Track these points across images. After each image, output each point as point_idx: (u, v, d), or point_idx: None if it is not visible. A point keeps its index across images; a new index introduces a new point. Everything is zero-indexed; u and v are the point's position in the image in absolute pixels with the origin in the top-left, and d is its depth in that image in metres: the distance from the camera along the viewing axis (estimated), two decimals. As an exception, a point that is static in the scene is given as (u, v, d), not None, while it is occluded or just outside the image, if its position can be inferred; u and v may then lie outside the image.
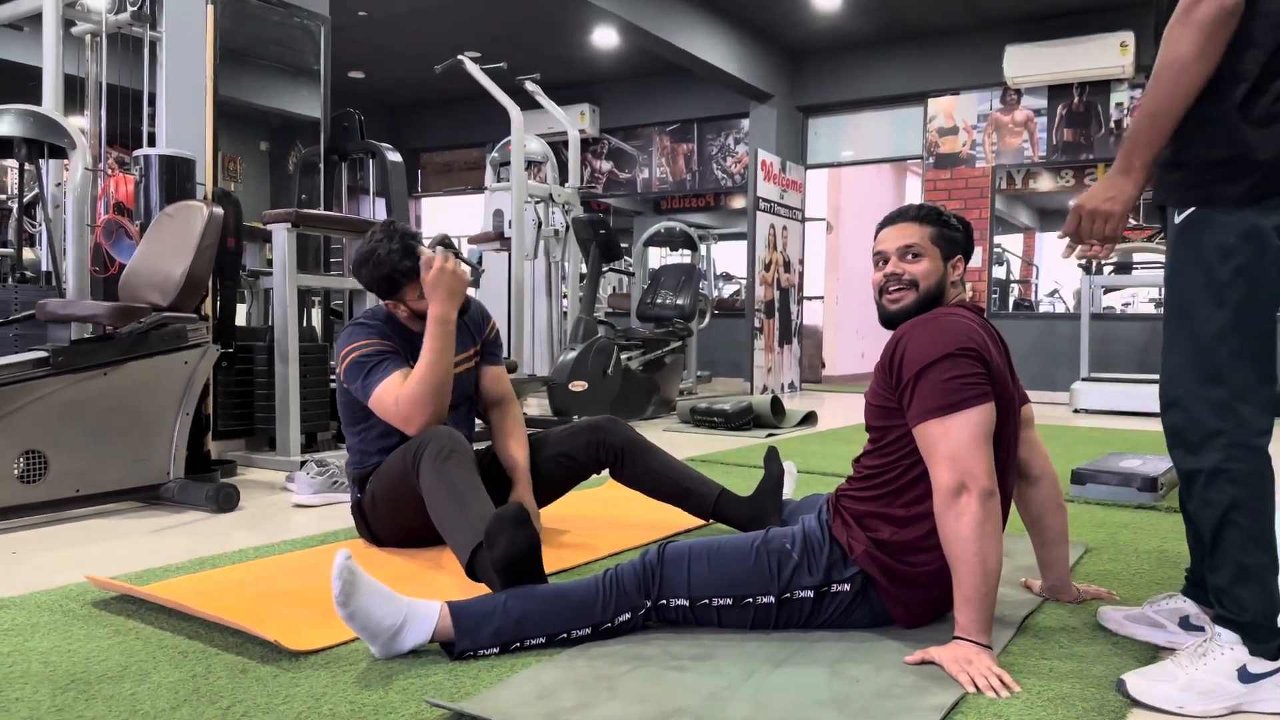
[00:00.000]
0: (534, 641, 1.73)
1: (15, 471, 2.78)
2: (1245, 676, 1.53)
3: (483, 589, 1.96)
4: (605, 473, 2.62)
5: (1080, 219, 1.65)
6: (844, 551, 1.77)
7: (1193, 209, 1.58)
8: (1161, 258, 7.24)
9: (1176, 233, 1.61)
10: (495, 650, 1.71)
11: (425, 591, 1.97)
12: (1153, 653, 1.78)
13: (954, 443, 1.66)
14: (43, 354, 2.84)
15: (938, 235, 1.89)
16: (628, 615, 1.77)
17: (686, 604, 1.78)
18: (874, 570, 1.76)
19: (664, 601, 1.78)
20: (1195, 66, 1.51)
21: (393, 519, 2.42)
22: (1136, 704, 1.54)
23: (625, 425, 2.59)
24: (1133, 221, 7.92)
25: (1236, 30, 1.51)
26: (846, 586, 1.78)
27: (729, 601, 1.78)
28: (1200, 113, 1.55)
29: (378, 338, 2.43)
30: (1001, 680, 1.58)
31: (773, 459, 2.48)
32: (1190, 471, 1.60)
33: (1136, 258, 7.82)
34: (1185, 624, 1.81)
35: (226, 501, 3.06)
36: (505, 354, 4.89)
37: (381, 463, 2.45)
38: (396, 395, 2.31)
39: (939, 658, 1.64)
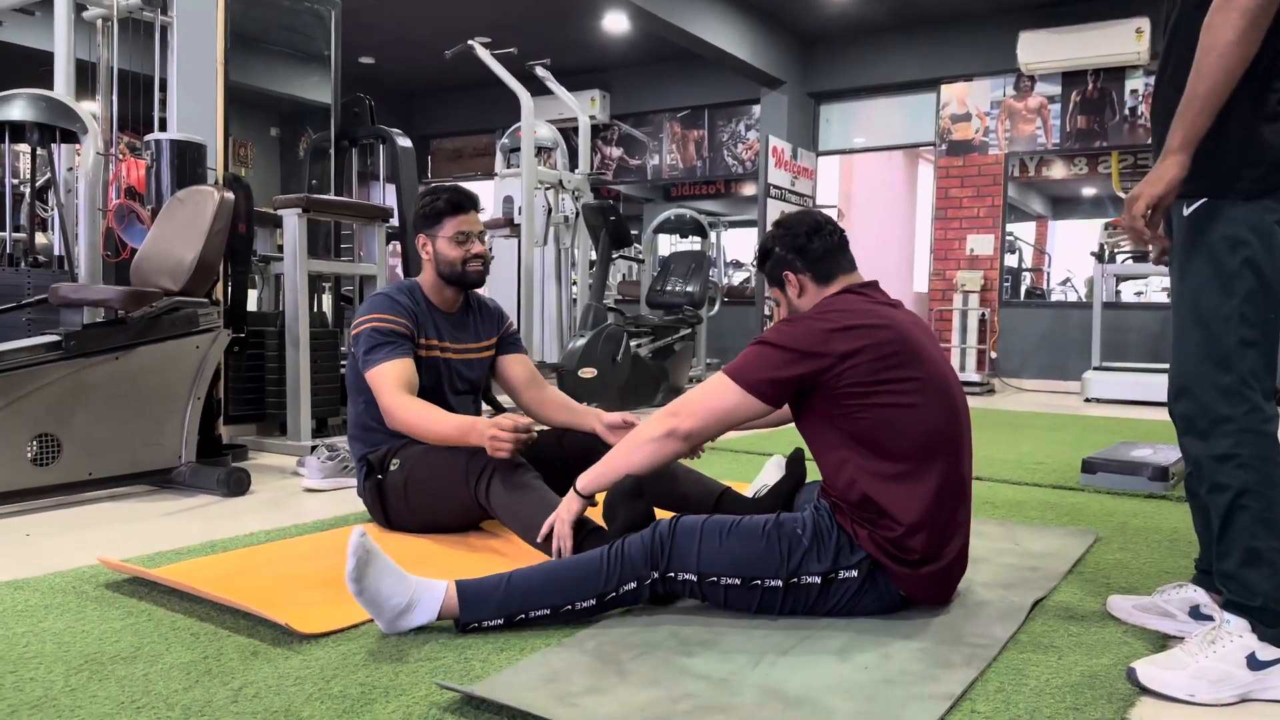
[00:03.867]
0: (538, 613, 1.74)
1: (29, 455, 2.79)
2: (1254, 664, 1.53)
3: (489, 571, 1.96)
4: None
5: (1126, 206, 1.66)
6: (850, 538, 1.78)
7: (1202, 201, 1.61)
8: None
9: (1185, 224, 1.64)
10: (500, 622, 1.73)
11: (440, 572, 1.97)
12: (1162, 642, 1.78)
13: (706, 394, 1.84)
14: (55, 338, 2.86)
15: (769, 275, 2.02)
16: (633, 584, 1.77)
17: (694, 579, 1.78)
18: (881, 555, 1.76)
19: (672, 574, 1.78)
20: (1237, 50, 1.51)
21: (422, 512, 2.45)
22: (1147, 692, 1.54)
23: None
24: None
25: None
26: (854, 573, 1.78)
27: (737, 582, 1.78)
28: None
29: (396, 315, 2.47)
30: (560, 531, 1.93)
31: (797, 462, 2.36)
32: (1200, 458, 1.62)
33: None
34: (1195, 613, 1.81)
35: (238, 486, 3.08)
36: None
37: (393, 448, 2.47)
38: (393, 394, 2.36)
39: None
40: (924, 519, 1.76)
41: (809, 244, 1.94)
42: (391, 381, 2.37)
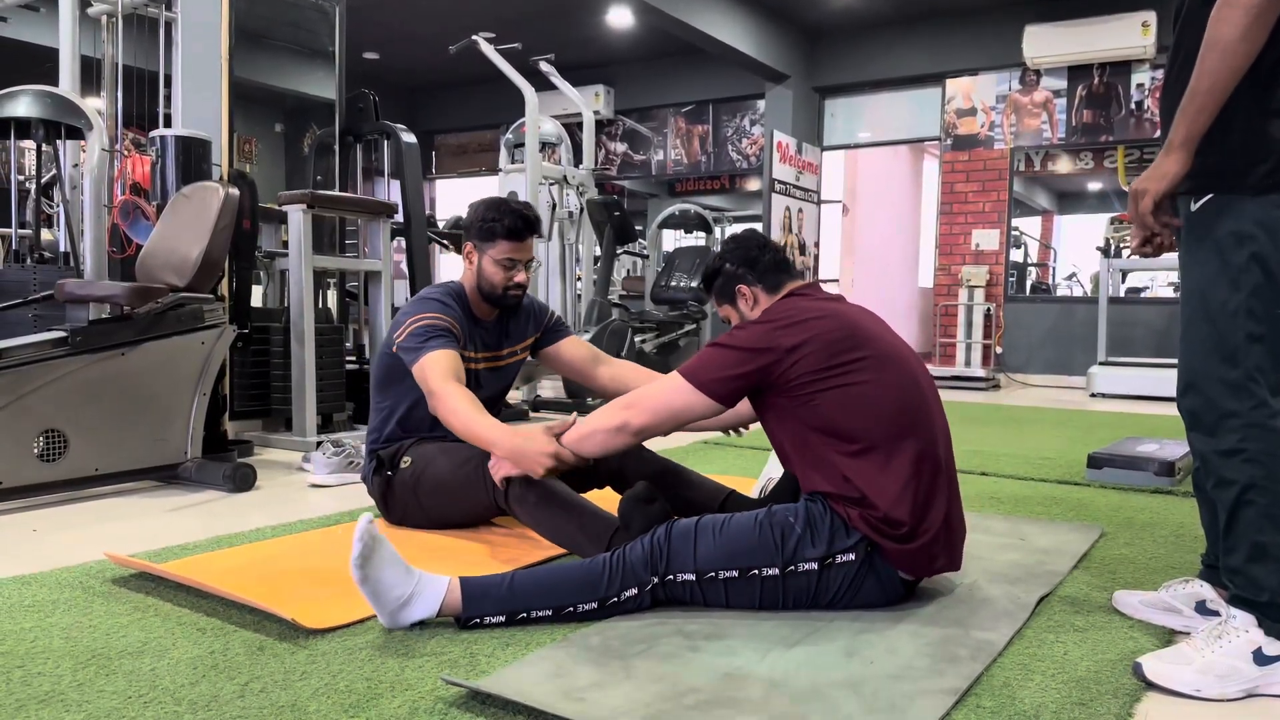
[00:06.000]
0: (540, 613, 1.75)
1: (35, 450, 2.80)
2: (1260, 659, 1.53)
3: (494, 565, 1.97)
4: None
5: (1129, 203, 1.68)
6: (844, 521, 1.79)
7: (1209, 196, 1.61)
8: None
9: (1192, 219, 1.65)
10: (501, 619, 1.74)
11: (444, 566, 1.97)
12: (1168, 637, 1.78)
13: (660, 391, 1.91)
14: (61, 334, 2.86)
15: (719, 292, 2.10)
16: (634, 590, 1.79)
17: (693, 578, 1.79)
18: (873, 533, 1.77)
19: (671, 577, 1.79)
20: (1241, 48, 1.52)
21: (433, 511, 2.44)
22: (1152, 687, 1.54)
23: None
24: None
25: None
26: (852, 556, 1.79)
27: (735, 574, 1.79)
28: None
29: (446, 315, 2.44)
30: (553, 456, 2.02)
31: None
32: (1207, 453, 1.63)
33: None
34: (1201, 608, 1.81)
35: (243, 481, 3.08)
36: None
37: (402, 445, 2.48)
38: (443, 381, 2.28)
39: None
40: (902, 493, 1.77)
41: (760, 256, 2.05)
42: (441, 369, 2.31)
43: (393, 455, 2.48)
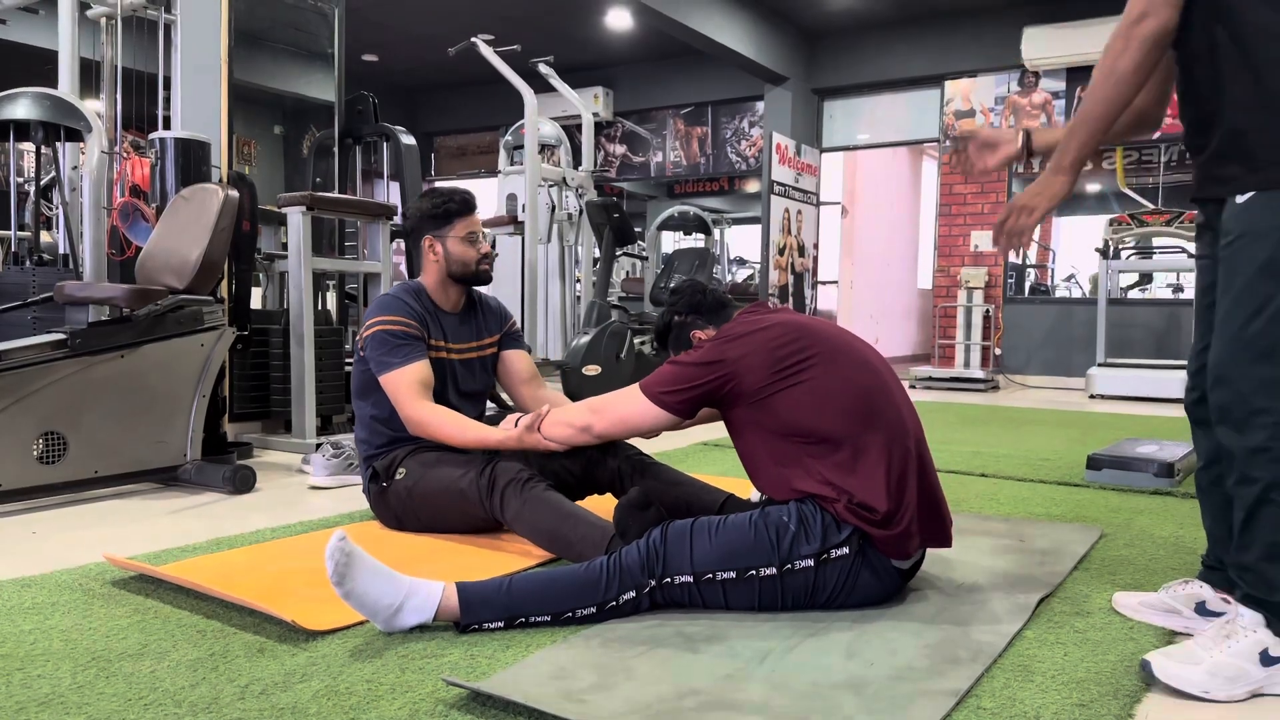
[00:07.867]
0: (539, 619, 1.76)
1: (35, 452, 2.80)
2: (1267, 660, 1.52)
3: (491, 567, 1.96)
4: None
5: (1010, 212, 1.74)
6: (834, 516, 1.79)
7: (1253, 193, 1.59)
8: (1178, 242, 7.17)
9: (1238, 213, 1.61)
10: (500, 624, 1.74)
11: (442, 569, 1.98)
12: (1168, 638, 1.77)
13: (622, 402, 2.01)
14: (61, 336, 2.86)
15: (674, 344, 2.18)
16: (632, 593, 1.79)
17: (691, 580, 1.80)
18: (860, 523, 1.78)
19: (668, 579, 1.80)
20: (1134, 79, 1.59)
21: (429, 522, 2.44)
22: (1160, 685, 1.53)
23: (624, 444, 2.49)
24: (1149, 205, 7.93)
25: None
26: (845, 550, 1.79)
27: (732, 575, 1.79)
28: (1253, 101, 1.56)
29: (408, 318, 2.48)
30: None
31: None
32: (1233, 448, 1.60)
33: (1155, 242, 7.73)
34: (1201, 609, 1.81)
35: (243, 483, 3.08)
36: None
37: (397, 455, 2.48)
38: (414, 403, 2.37)
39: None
40: (875, 482, 1.79)
41: (703, 300, 2.16)
42: (409, 389, 2.37)
43: (388, 466, 2.48)
